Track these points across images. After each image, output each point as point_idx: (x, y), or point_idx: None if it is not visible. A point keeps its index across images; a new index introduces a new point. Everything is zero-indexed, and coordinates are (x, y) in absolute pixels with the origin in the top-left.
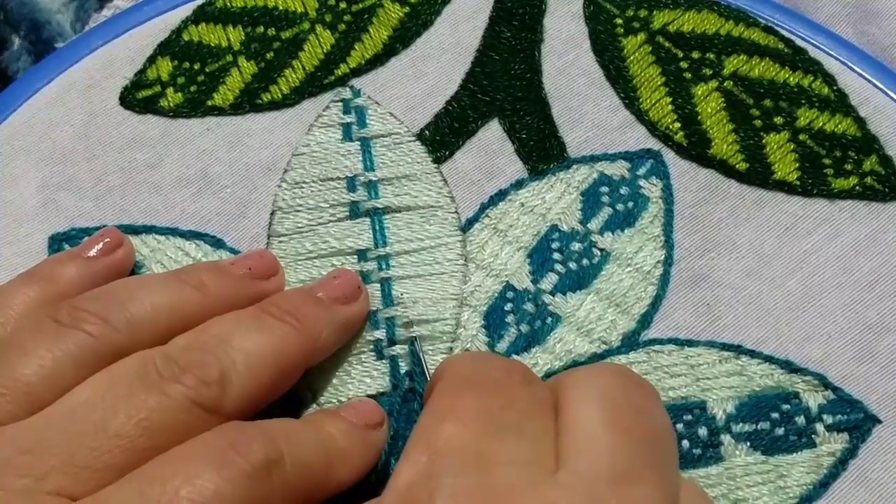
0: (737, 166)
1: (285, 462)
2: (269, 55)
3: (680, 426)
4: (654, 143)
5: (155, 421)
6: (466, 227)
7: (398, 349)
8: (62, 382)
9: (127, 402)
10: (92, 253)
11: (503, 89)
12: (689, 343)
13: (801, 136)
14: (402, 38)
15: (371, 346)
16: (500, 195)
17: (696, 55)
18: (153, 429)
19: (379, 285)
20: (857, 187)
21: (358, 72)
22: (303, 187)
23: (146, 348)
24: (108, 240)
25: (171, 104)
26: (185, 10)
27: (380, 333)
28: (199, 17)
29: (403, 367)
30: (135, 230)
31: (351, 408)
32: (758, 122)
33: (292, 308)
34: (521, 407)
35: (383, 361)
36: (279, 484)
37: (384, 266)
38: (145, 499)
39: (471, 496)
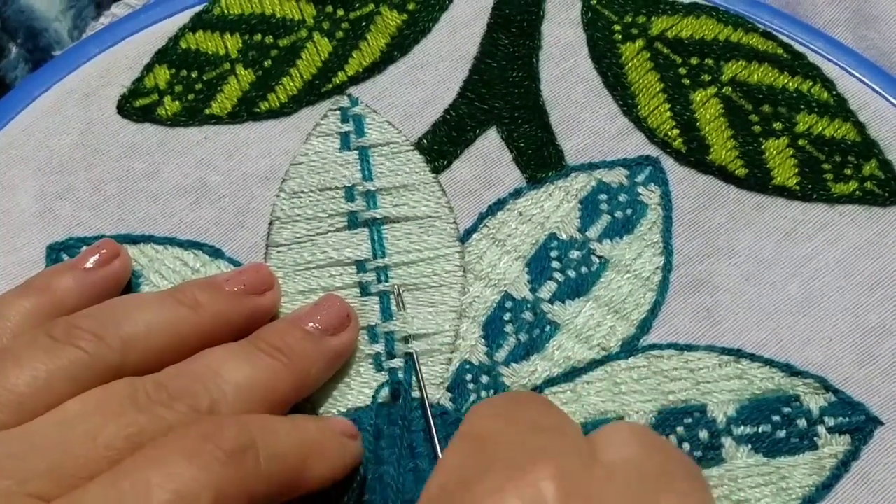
0: (736, 172)
1: (259, 450)
2: (267, 63)
3: (680, 429)
4: (652, 150)
5: (146, 437)
6: (465, 237)
7: (397, 362)
8: (54, 396)
9: (118, 417)
10: (88, 264)
11: (501, 97)
12: (689, 348)
13: (801, 142)
14: (400, 45)
15: (370, 360)
16: (499, 204)
17: (694, 61)
18: (143, 444)
19: (378, 298)
20: (857, 192)
21: (356, 80)
22: (301, 197)
23: (139, 367)
24: (104, 251)
25: (169, 113)
26: (183, 18)
27: (379, 347)
28: (196, 24)
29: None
30: (133, 240)
31: (325, 419)
32: (757, 128)
33: (282, 344)
34: None
35: (382, 374)
36: (253, 472)
37: (383, 278)
38: (116, 490)
39: None
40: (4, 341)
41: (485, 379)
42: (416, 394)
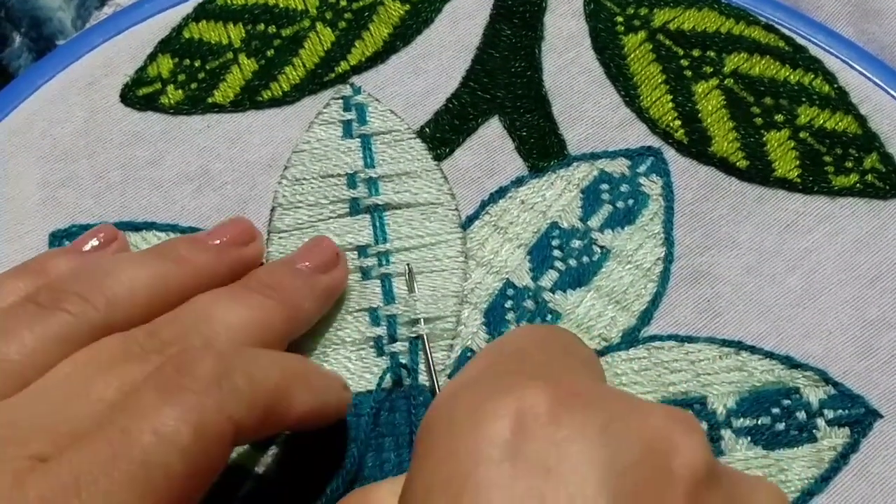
0: (737, 164)
1: (237, 375)
2: (270, 53)
3: None
4: (654, 141)
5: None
6: (467, 224)
7: (399, 346)
8: (44, 360)
9: (108, 371)
10: (86, 248)
11: (503, 87)
12: (690, 339)
13: (802, 134)
14: (403, 35)
15: (371, 343)
16: (501, 192)
17: (696, 53)
18: None
19: (379, 282)
20: (858, 185)
21: (358, 69)
22: (303, 184)
23: (127, 324)
24: (102, 235)
25: (172, 101)
26: (186, 8)
27: (380, 330)
28: (199, 14)
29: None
30: (135, 227)
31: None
32: (758, 120)
33: (273, 281)
34: None
35: (383, 358)
36: (232, 397)
37: (384, 262)
38: (96, 444)
39: None
40: None
41: None
42: (421, 378)
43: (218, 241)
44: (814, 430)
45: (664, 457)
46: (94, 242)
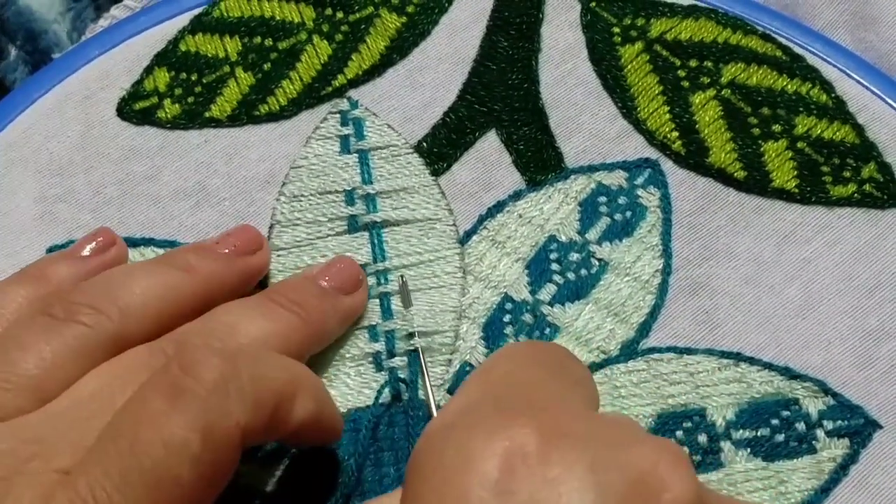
0: (735, 174)
1: (243, 377)
2: (267, 66)
3: (679, 433)
4: (652, 153)
5: None
6: (465, 239)
7: (397, 361)
8: (64, 374)
9: (133, 385)
10: (85, 252)
11: (500, 99)
12: (689, 351)
13: (800, 144)
14: (400, 48)
15: (371, 359)
16: (498, 207)
17: (693, 63)
18: None
19: (378, 300)
20: (856, 194)
21: (355, 83)
22: (301, 200)
23: (140, 334)
24: (100, 239)
25: (169, 116)
26: (183, 21)
27: (379, 346)
28: (196, 27)
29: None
30: (133, 243)
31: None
32: (756, 130)
33: (299, 298)
34: None
35: (382, 373)
36: (238, 398)
37: (383, 280)
38: (108, 457)
39: None
40: (1, 330)
41: None
42: (420, 393)
43: (226, 250)
44: (813, 442)
45: (653, 492)
46: (93, 246)
